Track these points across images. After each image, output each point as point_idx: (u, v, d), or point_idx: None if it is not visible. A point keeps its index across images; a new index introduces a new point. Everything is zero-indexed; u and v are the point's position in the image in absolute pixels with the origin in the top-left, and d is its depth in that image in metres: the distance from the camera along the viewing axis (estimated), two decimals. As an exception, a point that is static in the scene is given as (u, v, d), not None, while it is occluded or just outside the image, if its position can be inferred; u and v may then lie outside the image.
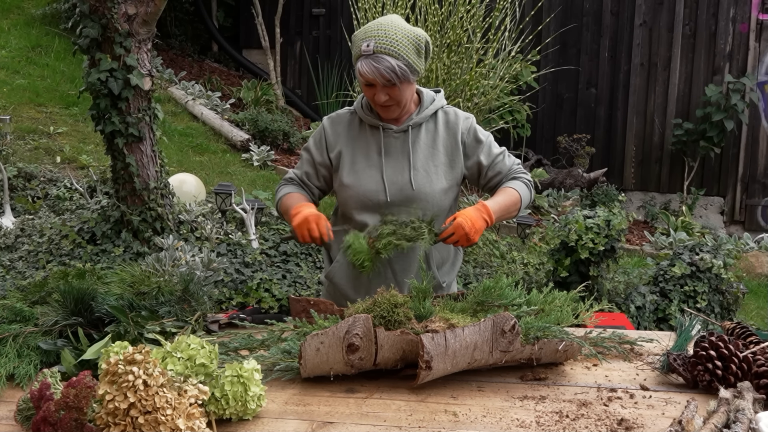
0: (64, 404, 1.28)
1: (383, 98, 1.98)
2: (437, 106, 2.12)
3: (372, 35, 1.94)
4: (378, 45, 1.93)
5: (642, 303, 4.03)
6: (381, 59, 1.92)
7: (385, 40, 1.93)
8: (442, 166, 2.09)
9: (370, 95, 2.01)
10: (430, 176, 2.07)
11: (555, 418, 1.44)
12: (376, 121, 2.08)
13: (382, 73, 1.92)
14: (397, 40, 1.94)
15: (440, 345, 1.48)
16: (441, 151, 2.09)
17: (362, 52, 1.94)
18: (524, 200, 2.10)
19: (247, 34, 8.76)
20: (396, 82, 1.95)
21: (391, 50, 1.93)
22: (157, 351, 1.44)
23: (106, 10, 3.77)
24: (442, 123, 2.12)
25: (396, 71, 1.93)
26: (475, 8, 5.06)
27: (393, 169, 2.07)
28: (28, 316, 1.74)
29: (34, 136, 6.27)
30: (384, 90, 1.97)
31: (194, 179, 5.27)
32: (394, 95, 1.99)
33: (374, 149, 2.08)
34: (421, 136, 2.09)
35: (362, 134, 2.11)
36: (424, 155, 2.08)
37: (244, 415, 1.41)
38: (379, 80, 1.94)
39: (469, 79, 5.03)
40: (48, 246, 4.14)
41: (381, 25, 1.96)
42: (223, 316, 1.98)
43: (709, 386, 1.54)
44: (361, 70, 1.95)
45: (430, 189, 2.06)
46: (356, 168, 2.08)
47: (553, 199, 6.96)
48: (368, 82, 1.96)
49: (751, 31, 7.23)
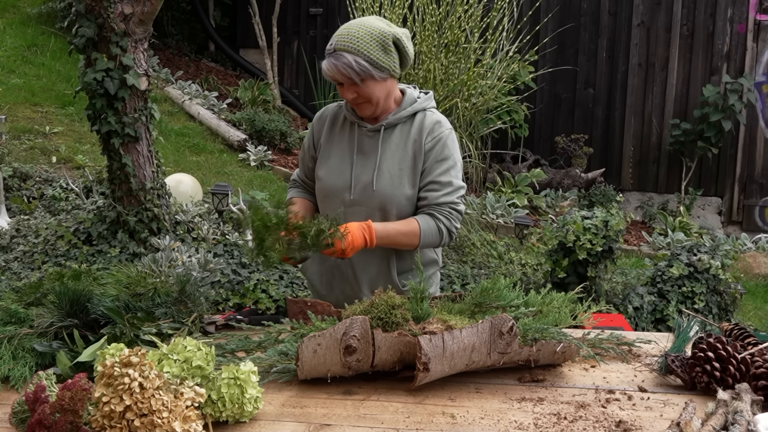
0: (60, 407, 1.27)
1: (350, 96, 2.00)
2: (418, 108, 2.08)
3: (337, 35, 1.97)
4: (339, 43, 1.95)
5: (640, 304, 4.04)
6: (339, 56, 1.94)
7: (346, 38, 1.95)
8: (407, 171, 2.04)
9: (340, 93, 2.03)
10: (393, 180, 2.03)
11: (553, 419, 1.43)
12: (353, 118, 2.10)
13: (339, 69, 1.94)
14: (358, 37, 1.94)
15: (438, 347, 1.48)
16: (409, 154, 2.05)
17: (326, 52, 1.98)
18: (423, 241, 2.01)
19: (244, 34, 8.75)
20: (356, 80, 1.95)
21: (350, 47, 1.94)
22: (153, 353, 1.43)
23: (102, 10, 3.76)
24: (416, 125, 2.07)
25: (353, 67, 1.93)
26: (472, 8, 5.06)
27: (361, 168, 2.06)
28: (23, 317, 1.73)
29: (29, 136, 6.25)
30: (350, 88, 1.98)
31: (191, 179, 5.25)
32: (362, 93, 1.98)
33: (348, 146, 2.09)
34: (393, 137, 2.07)
35: (342, 129, 2.13)
36: (392, 157, 2.05)
37: (240, 418, 1.40)
38: (338, 77, 1.96)
39: (467, 79, 5.03)
40: (43, 247, 4.12)
41: (349, 26, 1.99)
42: (219, 317, 1.97)
43: (708, 388, 1.54)
44: (323, 68, 1.99)
45: (391, 192, 2.03)
46: (330, 162, 2.11)
47: (551, 200, 6.96)
48: (330, 79, 2.00)
49: (749, 31, 7.24)
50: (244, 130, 7.26)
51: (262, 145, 7.09)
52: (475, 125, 5.35)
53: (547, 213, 6.75)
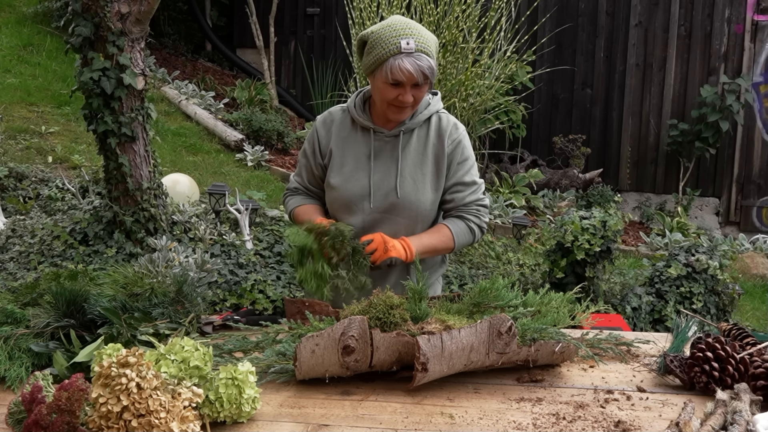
0: (56, 407, 1.26)
1: (410, 99, 1.95)
2: (431, 111, 2.07)
3: (409, 34, 1.92)
4: (418, 44, 1.91)
5: (638, 304, 4.04)
6: (422, 58, 1.91)
7: (423, 40, 1.92)
8: (429, 176, 2.05)
9: (394, 95, 1.95)
10: (417, 185, 2.03)
11: (552, 420, 1.43)
12: (368, 124, 2.05)
13: (423, 71, 1.91)
14: (430, 40, 1.95)
15: (436, 347, 1.47)
16: (430, 159, 2.05)
17: (403, 49, 1.90)
18: (458, 243, 2.06)
19: (241, 34, 8.74)
20: (432, 80, 1.96)
21: (428, 50, 1.93)
22: (150, 353, 1.43)
23: (98, 9, 3.74)
24: (434, 129, 2.07)
25: (433, 70, 1.94)
26: (470, 8, 5.06)
27: (381, 175, 2.03)
28: (20, 317, 1.72)
29: (25, 136, 6.23)
30: (412, 90, 1.95)
31: (188, 179, 5.24)
32: (419, 96, 1.97)
33: (364, 152, 2.05)
34: (412, 141, 2.05)
35: (353, 135, 2.07)
36: (413, 162, 2.04)
37: (238, 418, 1.40)
38: (418, 79, 1.92)
39: (465, 79, 5.03)
40: (39, 247, 4.11)
41: (411, 24, 1.95)
42: (217, 317, 1.96)
43: (706, 388, 1.54)
44: (402, 68, 1.90)
45: (416, 198, 2.02)
46: (344, 170, 2.05)
47: (549, 200, 6.97)
48: (404, 81, 1.92)
49: (746, 31, 7.25)
50: (241, 130, 7.25)
51: (259, 145, 7.08)
52: (473, 125, 5.35)
53: (545, 213, 6.75)
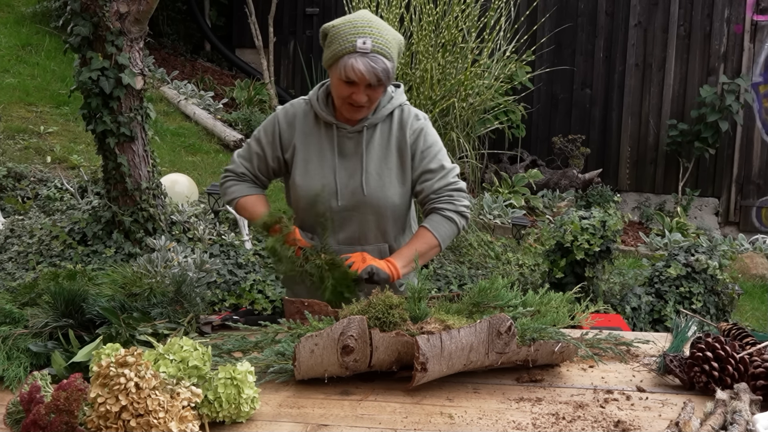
0: (55, 407, 1.26)
1: (363, 99, 1.90)
2: (394, 105, 2.02)
3: (367, 33, 1.87)
4: (375, 44, 1.86)
5: (637, 304, 4.03)
6: (377, 59, 1.86)
7: (381, 40, 1.87)
8: (395, 170, 2.01)
9: (347, 93, 1.91)
10: (383, 180, 1.99)
11: (551, 420, 1.43)
12: (330, 119, 2.00)
13: (377, 73, 1.86)
14: (389, 41, 1.89)
15: (436, 346, 1.47)
16: (393, 152, 2.01)
17: (358, 48, 1.85)
18: (442, 237, 2.01)
19: (240, 34, 8.73)
20: (385, 83, 1.91)
21: (385, 51, 1.88)
22: (149, 353, 1.42)
23: (97, 8, 3.74)
24: (396, 122, 2.02)
25: (388, 73, 1.89)
26: (470, 8, 5.05)
27: (346, 172, 1.99)
28: (18, 317, 1.72)
29: (24, 136, 6.22)
30: (366, 91, 1.89)
31: (187, 179, 5.23)
32: (374, 97, 1.92)
33: (328, 148, 2.00)
34: (375, 136, 2.01)
35: (316, 130, 2.02)
36: (377, 157, 2.00)
37: (237, 418, 1.39)
38: (371, 80, 1.87)
39: (464, 79, 5.03)
40: (38, 247, 4.10)
41: (372, 22, 1.90)
42: (216, 317, 1.96)
43: (706, 388, 1.54)
44: (354, 67, 1.85)
45: (383, 194, 1.99)
46: (309, 167, 2.01)
47: (548, 200, 6.97)
48: (356, 80, 1.88)
49: (746, 32, 7.25)
50: (240, 130, 7.24)
51: (259, 145, 7.06)
52: (472, 125, 5.34)
53: (544, 213, 6.75)
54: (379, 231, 2.03)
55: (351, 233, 2.03)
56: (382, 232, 2.04)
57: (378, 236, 2.04)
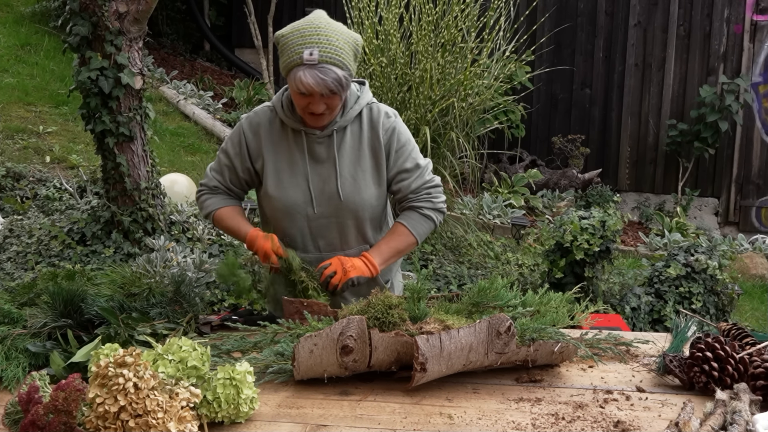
0: (53, 407, 1.26)
1: (321, 108, 1.84)
2: (362, 104, 1.97)
3: (314, 42, 1.79)
4: (323, 54, 1.78)
5: (637, 304, 4.03)
6: (327, 70, 1.78)
7: (330, 49, 1.79)
8: (369, 171, 1.96)
9: (304, 103, 1.85)
10: (358, 183, 1.94)
11: (551, 420, 1.43)
12: (298, 125, 1.93)
13: (328, 85, 1.79)
14: (340, 47, 1.80)
15: (435, 347, 1.47)
16: (366, 153, 1.96)
17: (304, 60, 1.78)
18: (418, 233, 1.99)
19: (240, 33, 8.73)
20: (340, 93, 1.83)
21: (336, 60, 1.79)
22: (148, 353, 1.42)
23: (96, 8, 3.73)
24: (366, 122, 1.97)
25: (341, 82, 1.81)
26: (469, 8, 5.04)
27: (320, 178, 1.94)
28: (17, 317, 1.72)
29: (23, 136, 6.21)
30: (323, 99, 1.83)
31: (186, 179, 5.23)
32: (332, 105, 1.86)
33: (299, 156, 1.94)
34: (346, 139, 1.95)
35: (284, 138, 1.96)
36: (350, 160, 1.95)
37: (236, 418, 1.39)
38: (322, 92, 1.80)
39: (464, 79, 5.02)
40: (37, 247, 4.10)
41: (320, 29, 1.81)
42: (215, 317, 1.96)
43: (706, 388, 1.53)
44: (303, 81, 1.78)
45: (360, 198, 1.94)
46: (281, 177, 1.95)
47: (548, 200, 6.96)
48: (308, 92, 1.81)
49: (746, 31, 7.25)
50: (239, 130, 7.23)
51: (258, 145, 7.06)
52: (472, 125, 5.33)
53: (544, 214, 6.75)
54: (359, 234, 2.00)
55: (331, 239, 1.99)
56: (362, 234, 2.01)
57: (359, 239, 2.01)
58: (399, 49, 4.98)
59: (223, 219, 2.04)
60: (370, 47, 5.00)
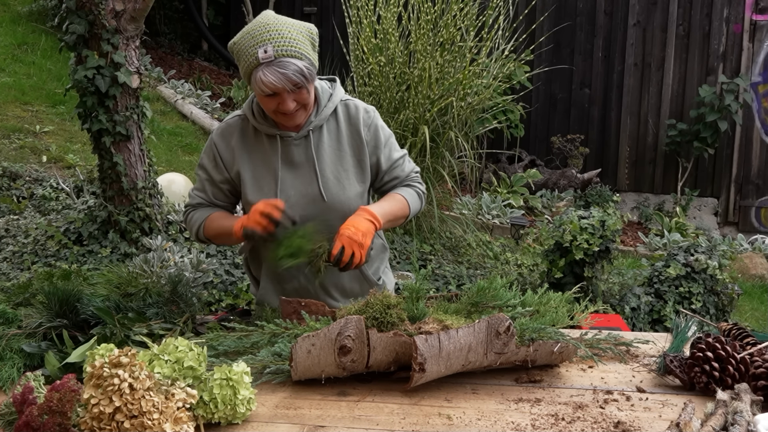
0: (48, 408, 1.24)
1: (292, 105, 1.79)
2: (336, 101, 1.93)
3: (266, 39, 1.73)
4: (278, 48, 1.73)
5: (637, 304, 4.03)
6: (286, 63, 1.73)
7: (284, 42, 1.74)
8: (352, 169, 1.92)
9: (274, 105, 1.79)
10: (342, 182, 1.90)
11: (551, 421, 1.42)
12: (272, 130, 1.88)
13: (290, 78, 1.73)
14: (294, 38, 1.75)
15: (434, 347, 1.46)
16: (347, 151, 1.92)
17: (261, 60, 1.73)
18: (413, 209, 1.98)
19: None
20: (305, 85, 1.78)
21: (293, 51, 1.74)
22: (144, 353, 1.41)
23: (93, 6, 3.72)
24: (343, 119, 1.93)
25: (304, 73, 1.75)
26: (468, 7, 5.04)
27: (301, 181, 1.88)
28: (12, 318, 1.70)
29: (19, 135, 6.20)
30: (291, 96, 1.78)
31: (183, 179, 5.21)
32: (302, 99, 1.80)
33: (275, 161, 1.88)
34: (323, 138, 1.91)
35: (259, 144, 1.91)
36: (330, 160, 1.91)
37: (233, 419, 1.38)
38: (287, 86, 1.75)
39: (463, 79, 5.01)
40: (33, 247, 4.09)
41: (269, 26, 1.76)
42: (212, 317, 1.94)
43: (707, 388, 1.52)
44: (264, 80, 1.73)
45: (345, 197, 1.90)
46: (260, 184, 1.89)
47: (547, 200, 6.96)
48: (273, 91, 1.76)
49: (745, 31, 7.26)
50: (238, 129, 7.23)
51: (257, 144, 7.05)
52: (471, 125, 5.33)
53: (543, 213, 6.75)
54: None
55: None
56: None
57: None
58: (397, 48, 4.97)
59: (213, 221, 1.95)
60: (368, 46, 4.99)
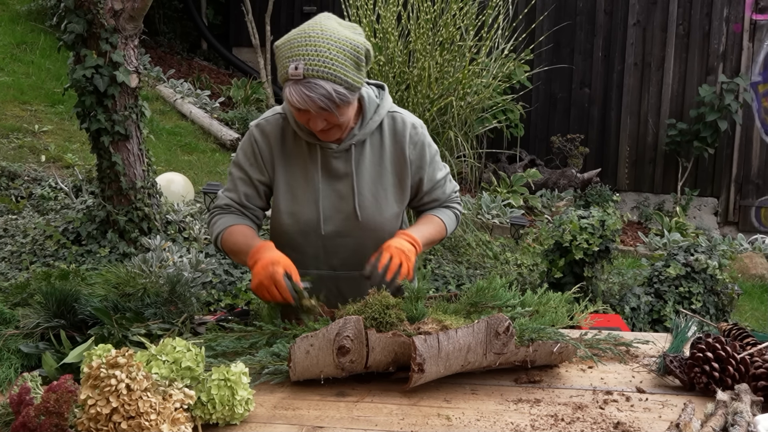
0: (45, 409, 1.24)
1: (320, 125, 1.68)
2: (382, 114, 1.81)
3: (300, 54, 1.60)
4: (308, 68, 1.59)
5: (637, 304, 4.02)
6: (313, 86, 1.59)
7: (318, 61, 1.59)
8: (391, 189, 1.82)
9: (304, 120, 1.69)
10: (379, 203, 1.81)
11: (550, 421, 1.41)
12: (312, 139, 1.77)
13: (315, 101, 1.60)
14: (331, 58, 1.60)
15: (433, 347, 1.45)
16: (389, 169, 1.82)
17: (290, 75, 1.60)
18: (449, 232, 1.94)
19: (237, 32, 8.72)
20: (333, 109, 1.63)
21: (325, 73, 1.60)
22: (141, 354, 1.40)
23: (91, 5, 3.71)
24: (388, 134, 1.82)
25: (333, 98, 1.61)
26: (467, 6, 5.03)
27: (336, 195, 1.79)
28: (9, 318, 1.70)
29: (18, 135, 6.19)
30: (320, 117, 1.66)
31: (182, 179, 5.21)
32: (332, 121, 1.68)
33: (314, 170, 1.78)
34: (365, 153, 1.80)
35: (298, 149, 1.80)
36: (370, 177, 1.80)
37: (231, 420, 1.37)
38: (312, 109, 1.62)
39: (462, 78, 5.01)
40: (31, 246, 4.08)
41: (310, 39, 1.61)
42: (211, 318, 1.94)
43: (707, 388, 1.52)
44: (289, 98, 1.62)
45: (380, 218, 1.81)
46: (295, 192, 1.80)
47: (547, 200, 6.96)
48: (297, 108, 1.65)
49: (745, 31, 7.25)
50: (236, 129, 7.23)
51: (256, 144, 7.04)
52: (470, 124, 5.33)
53: (543, 213, 6.74)
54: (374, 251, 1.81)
55: (345, 258, 1.85)
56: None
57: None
58: (397, 47, 4.96)
59: (232, 234, 1.82)
60: (367, 46, 4.97)
